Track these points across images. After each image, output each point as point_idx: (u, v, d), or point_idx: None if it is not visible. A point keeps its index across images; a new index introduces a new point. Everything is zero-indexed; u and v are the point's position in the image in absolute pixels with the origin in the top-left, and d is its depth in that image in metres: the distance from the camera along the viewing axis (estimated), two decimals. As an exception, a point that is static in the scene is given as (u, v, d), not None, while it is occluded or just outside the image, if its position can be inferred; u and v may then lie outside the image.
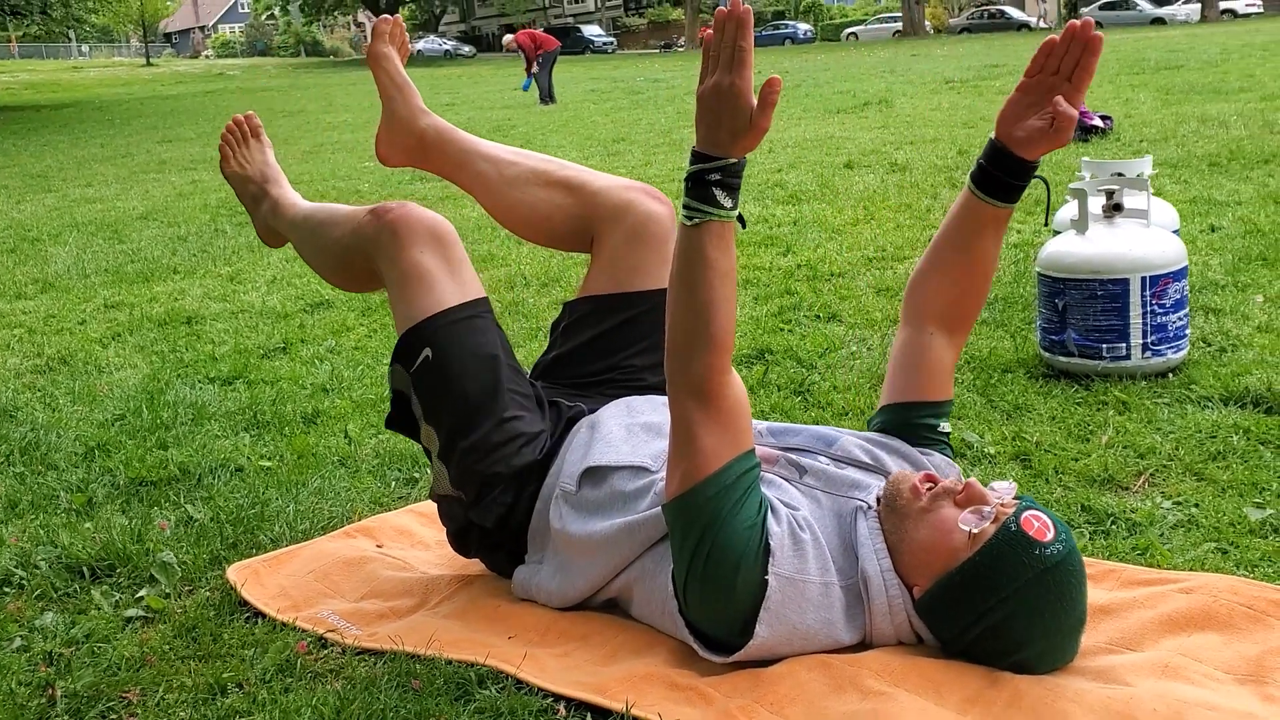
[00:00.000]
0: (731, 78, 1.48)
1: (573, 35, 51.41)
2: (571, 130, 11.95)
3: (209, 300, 4.63)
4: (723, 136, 1.51)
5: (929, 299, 1.84)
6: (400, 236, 1.88)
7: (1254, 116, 7.95)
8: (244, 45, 64.90)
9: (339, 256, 2.04)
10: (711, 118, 1.51)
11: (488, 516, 1.84)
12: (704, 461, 1.57)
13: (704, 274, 1.55)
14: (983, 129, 8.88)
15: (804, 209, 5.78)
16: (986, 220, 1.76)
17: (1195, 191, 5.22)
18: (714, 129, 1.51)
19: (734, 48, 1.48)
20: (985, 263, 1.81)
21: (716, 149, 1.52)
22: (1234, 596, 1.68)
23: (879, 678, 1.53)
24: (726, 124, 1.50)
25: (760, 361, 3.20)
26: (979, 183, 1.74)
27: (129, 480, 2.59)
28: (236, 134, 2.37)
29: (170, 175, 9.97)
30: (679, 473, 1.59)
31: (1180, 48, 17.59)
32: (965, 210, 1.78)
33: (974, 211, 1.77)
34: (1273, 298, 3.38)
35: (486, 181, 2.12)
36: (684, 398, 1.59)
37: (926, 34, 38.96)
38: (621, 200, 2.03)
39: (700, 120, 1.53)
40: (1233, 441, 2.35)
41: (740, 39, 1.48)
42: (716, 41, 1.50)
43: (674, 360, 1.59)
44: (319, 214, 2.14)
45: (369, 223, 1.93)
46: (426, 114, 2.22)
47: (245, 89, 27.28)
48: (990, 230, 1.77)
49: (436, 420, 1.85)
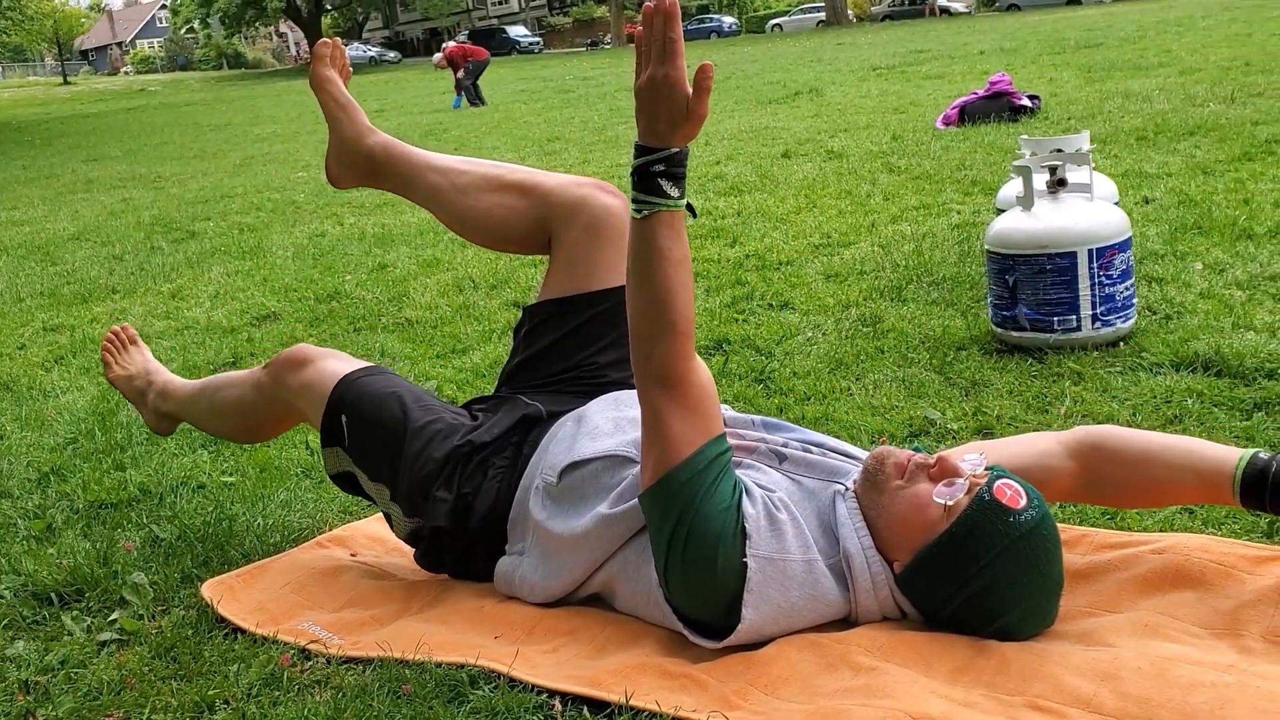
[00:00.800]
0: (665, 69, 1.50)
1: (498, 36, 51.23)
2: (505, 131, 11.91)
3: (152, 318, 4.55)
4: (662, 128, 1.53)
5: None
6: (296, 372, 2.06)
7: (1175, 90, 8.14)
8: (164, 60, 63.82)
9: (244, 414, 2.21)
10: (650, 110, 1.53)
11: (438, 515, 1.87)
12: (675, 448, 1.58)
13: (658, 264, 1.56)
14: (913, 114, 9.00)
15: (746, 200, 5.82)
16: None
17: (1126, 165, 5.33)
18: (653, 121, 1.53)
19: (664, 40, 1.50)
20: None
21: (658, 140, 1.54)
22: (1205, 554, 1.73)
23: (868, 653, 1.55)
24: (665, 115, 1.52)
25: (719, 352, 3.22)
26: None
27: (88, 503, 2.54)
28: (115, 343, 2.54)
29: (99, 194, 9.78)
30: (651, 461, 1.60)
31: (1098, 26, 17.94)
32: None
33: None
34: (1211, 265, 3.46)
35: (440, 193, 2.13)
36: (650, 387, 1.60)
37: (850, 23, 39.32)
38: (575, 197, 2.04)
39: (639, 114, 1.54)
40: (1187, 405, 2.41)
41: (669, 30, 1.49)
42: (647, 35, 1.51)
43: (638, 351, 1.61)
44: (212, 382, 2.33)
45: (267, 379, 2.12)
46: (374, 132, 2.22)
47: (168, 104, 26.82)
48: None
49: (378, 472, 1.94)
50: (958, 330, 3.13)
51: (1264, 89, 7.54)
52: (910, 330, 3.18)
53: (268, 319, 4.33)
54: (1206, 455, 1.67)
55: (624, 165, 7.86)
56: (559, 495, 1.78)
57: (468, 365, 3.39)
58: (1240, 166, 4.97)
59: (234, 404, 2.21)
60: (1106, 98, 8.22)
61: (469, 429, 1.94)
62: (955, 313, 3.32)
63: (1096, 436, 1.74)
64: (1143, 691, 1.41)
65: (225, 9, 46.40)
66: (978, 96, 7.93)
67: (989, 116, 7.63)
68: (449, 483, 1.88)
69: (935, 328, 3.18)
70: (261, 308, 4.48)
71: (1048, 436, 1.80)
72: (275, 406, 2.13)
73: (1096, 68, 10.94)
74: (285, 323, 4.24)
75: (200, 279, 5.30)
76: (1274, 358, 2.57)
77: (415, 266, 5.02)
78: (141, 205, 8.56)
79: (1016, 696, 1.45)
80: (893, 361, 2.95)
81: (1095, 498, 1.79)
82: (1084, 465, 1.74)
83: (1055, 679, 1.46)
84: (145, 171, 11.50)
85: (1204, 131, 6.05)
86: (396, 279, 4.78)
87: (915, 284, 3.68)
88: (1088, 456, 1.73)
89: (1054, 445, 1.76)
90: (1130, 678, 1.44)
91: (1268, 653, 1.50)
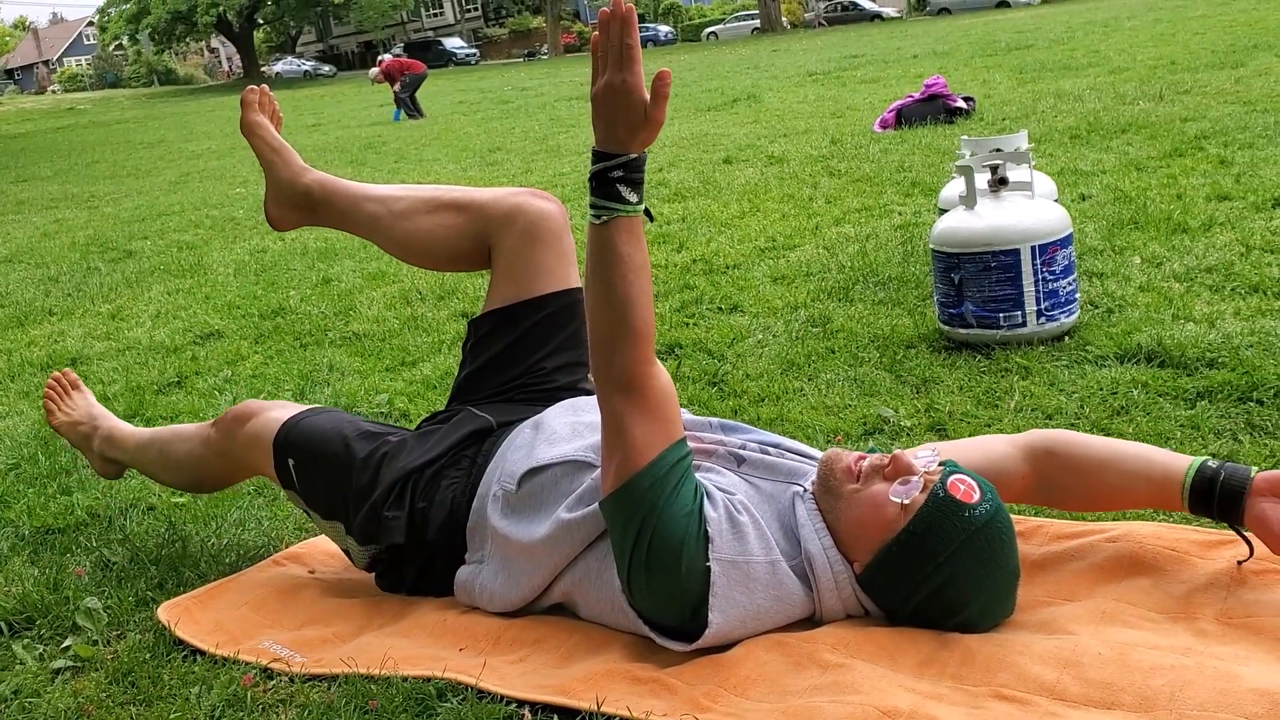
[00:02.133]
0: (623, 75, 1.50)
1: (434, 49, 50.99)
2: (445, 143, 11.85)
3: (92, 340, 4.47)
4: (620, 133, 1.53)
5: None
6: (243, 425, 2.08)
7: (1105, 89, 8.31)
8: (93, 78, 62.73)
9: (194, 467, 2.20)
10: (608, 116, 1.53)
11: (393, 533, 1.88)
12: (636, 454, 1.58)
13: (618, 269, 1.57)
14: (851, 118, 9.10)
15: (690, 205, 5.84)
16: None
17: (1061, 164, 5.43)
18: (611, 127, 1.53)
19: (621, 45, 1.50)
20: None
21: (616, 146, 1.54)
22: (1157, 541, 1.76)
23: (835, 651, 1.56)
24: (623, 121, 1.52)
25: (671, 356, 3.23)
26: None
27: (34, 530, 2.49)
28: (57, 389, 2.52)
29: (31, 215, 9.58)
30: (613, 466, 1.60)
31: (1027, 29, 18.27)
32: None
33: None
34: (1149, 258, 3.54)
35: (378, 221, 2.16)
36: (611, 392, 1.60)
37: (784, 29, 39.66)
38: (510, 205, 2.06)
39: (597, 120, 1.55)
40: (1133, 396, 2.45)
41: (626, 36, 1.50)
42: (604, 41, 1.51)
43: (598, 356, 1.61)
44: (161, 435, 2.31)
45: (216, 436, 2.13)
46: (308, 171, 2.26)
47: (99, 122, 26.36)
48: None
49: (331, 510, 1.96)
50: (906, 329, 3.17)
51: (1190, 87, 7.72)
52: (859, 330, 3.22)
53: (211, 337, 4.27)
54: (1156, 463, 1.70)
55: (566, 174, 7.86)
56: (519, 502, 1.77)
57: (418, 377, 3.36)
58: (1172, 162, 5.08)
59: (184, 458, 2.22)
60: (1039, 98, 8.36)
61: (417, 446, 1.94)
62: (902, 311, 3.36)
63: (1050, 441, 1.77)
64: (1104, 677, 1.44)
65: (155, 25, 45.74)
66: (913, 99, 8.03)
67: (925, 119, 7.73)
68: (400, 501, 1.89)
69: (884, 327, 3.21)
70: (205, 326, 4.42)
71: (1001, 440, 1.82)
72: (226, 462, 2.15)
73: (1028, 69, 11.13)
74: (229, 340, 4.18)
75: (140, 298, 5.22)
76: (1214, 347, 2.63)
77: (360, 280, 4.97)
78: (76, 225, 8.41)
79: (982, 687, 1.47)
80: (843, 361, 2.98)
81: (1046, 501, 1.81)
82: (1036, 470, 1.76)
83: (1019, 668, 1.48)
84: (78, 191, 11.30)
85: (1135, 129, 6.18)
86: (342, 293, 4.74)
87: (862, 284, 3.72)
88: (1040, 461, 1.76)
89: (1007, 449, 1.79)
90: (1092, 664, 1.46)
91: (1222, 634, 1.53)
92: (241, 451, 2.10)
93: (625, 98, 1.51)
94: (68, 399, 2.51)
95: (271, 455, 2.02)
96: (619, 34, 1.50)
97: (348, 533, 1.95)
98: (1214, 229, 3.78)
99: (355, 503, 1.91)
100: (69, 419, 2.47)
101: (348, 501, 1.92)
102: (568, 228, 2.08)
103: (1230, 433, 2.22)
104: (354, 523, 1.92)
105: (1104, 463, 1.73)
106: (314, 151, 12.71)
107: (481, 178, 8.41)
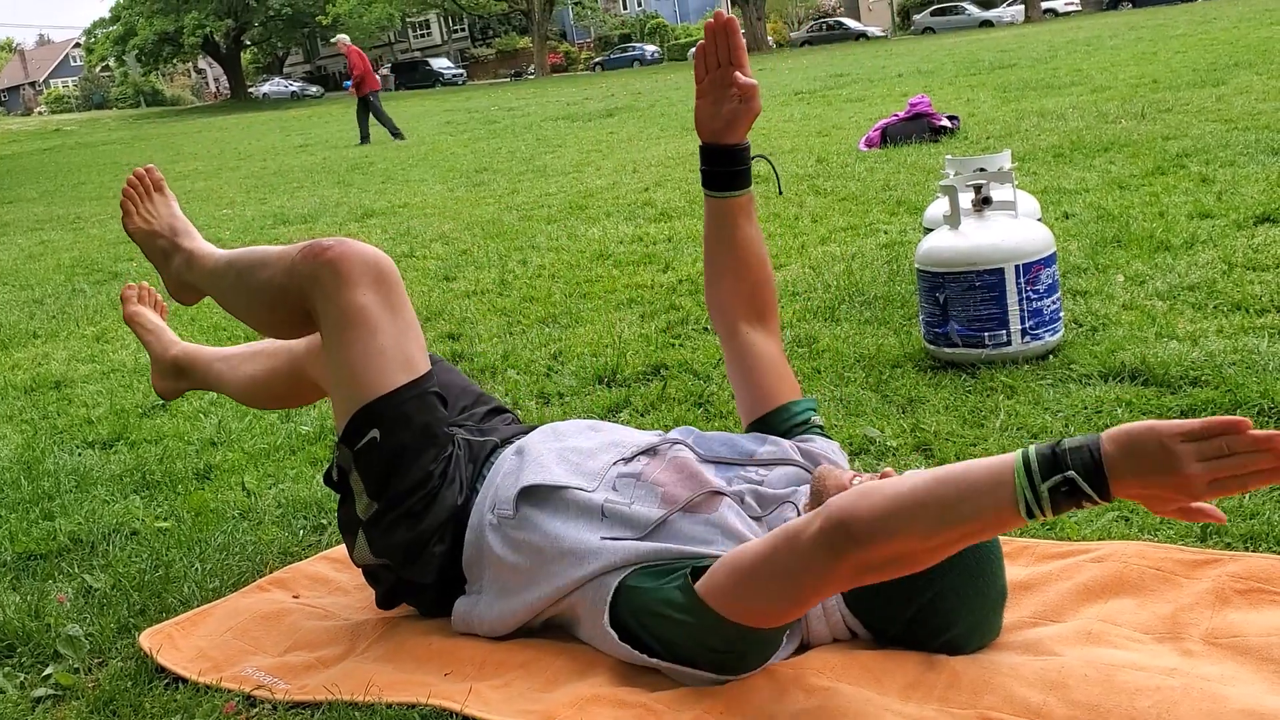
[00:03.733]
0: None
1: (421, 69, 51.11)
2: (432, 163, 11.86)
3: (76, 362, 4.45)
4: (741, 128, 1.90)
5: (727, 303, 2.00)
6: (341, 274, 1.78)
7: (1088, 108, 8.36)
8: (79, 99, 62.64)
9: (271, 299, 1.90)
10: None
11: (427, 572, 1.81)
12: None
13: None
14: (836, 136, 9.14)
15: (676, 225, 5.85)
16: (735, 211, 1.96)
17: (1045, 182, 5.46)
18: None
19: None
20: (755, 248, 1.99)
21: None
22: (1142, 560, 1.76)
23: (821, 675, 1.56)
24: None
25: (657, 377, 3.23)
26: (709, 184, 1.95)
27: (16, 555, 2.47)
28: (139, 188, 2.24)
29: (15, 237, 9.55)
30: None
31: (1010, 48, 18.39)
32: (714, 213, 1.97)
33: (721, 210, 1.96)
34: (1132, 276, 3.55)
35: (223, 378, 2.33)
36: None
37: (770, 49, 39.86)
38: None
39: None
40: (1117, 414, 2.46)
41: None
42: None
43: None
44: (243, 258, 2.01)
45: (304, 260, 1.81)
46: (176, 343, 2.45)
47: (85, 144, 26.31)
48: (744, 219, 1.97)
49: (376, 494, 1.80)
50: (892, 348, 3.18)
51: (1172, 105, 7.77)
52: (845, 350, 3.22)
53: (197, 359, 4.25)
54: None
55: (552, 194, 7.87)
56: (516, 526, 1.76)
57: (404, 399, 3.35)
58: (1154, 180, 5.11)
59: (261, 288, 1.92)
60: (1022, 117, 8.41)
61: (461, 485, 1.84)
62: (888, 331, 3.37)
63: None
64: (1090, 698, 1.43)
65: (141, 46, 45.73)
66: (898, 118, 8.07)
67: (910, 137, 7.77)
68: (442, 540, 1.81)
69: (869, 346, 3.22)
70: (190, 348, 4.40)
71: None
72: (300, 305, 1.85)
73: (1011, 88, 11.20)
74: (215, 363, 4.16)
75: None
76: (1198, 366, 2.64)
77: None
78: (61, 247, 8.38)
79: (969, 710, 1.46)
80: (830, 381, 2.98)
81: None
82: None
83: (1005, 690, 1.48)
84: (64, 213, 11.26)
85: (1117, 147, 6.22)
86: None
87: (847, 304, 3.73)
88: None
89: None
90: (1078, 685, 1.46)
91: (1208, 654, 1.53)
92: (316, 303, 1.81)
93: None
94: (148, 202, 2.24)
95: (352, 380, 1.78)
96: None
97: (370, 524, 1.80)
98: (1196, 247, 3.80)
99: (404, 519, 1.78)
100: (148, 227, 2.22)
101: (392, 503, 1.78)
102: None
103: (1214, 451, 2.22)
104: (381, 527, 1.79)
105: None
106: (302, 173, 12.71)
107: (468, 197, 8.41)
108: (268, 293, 1.90)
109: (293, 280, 1.84)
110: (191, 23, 45.05)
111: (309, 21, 48.79)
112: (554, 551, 1.70)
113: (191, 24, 45.04)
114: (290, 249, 1.87)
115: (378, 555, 1.82)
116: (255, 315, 1.98)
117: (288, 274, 1.84)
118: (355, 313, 1.78)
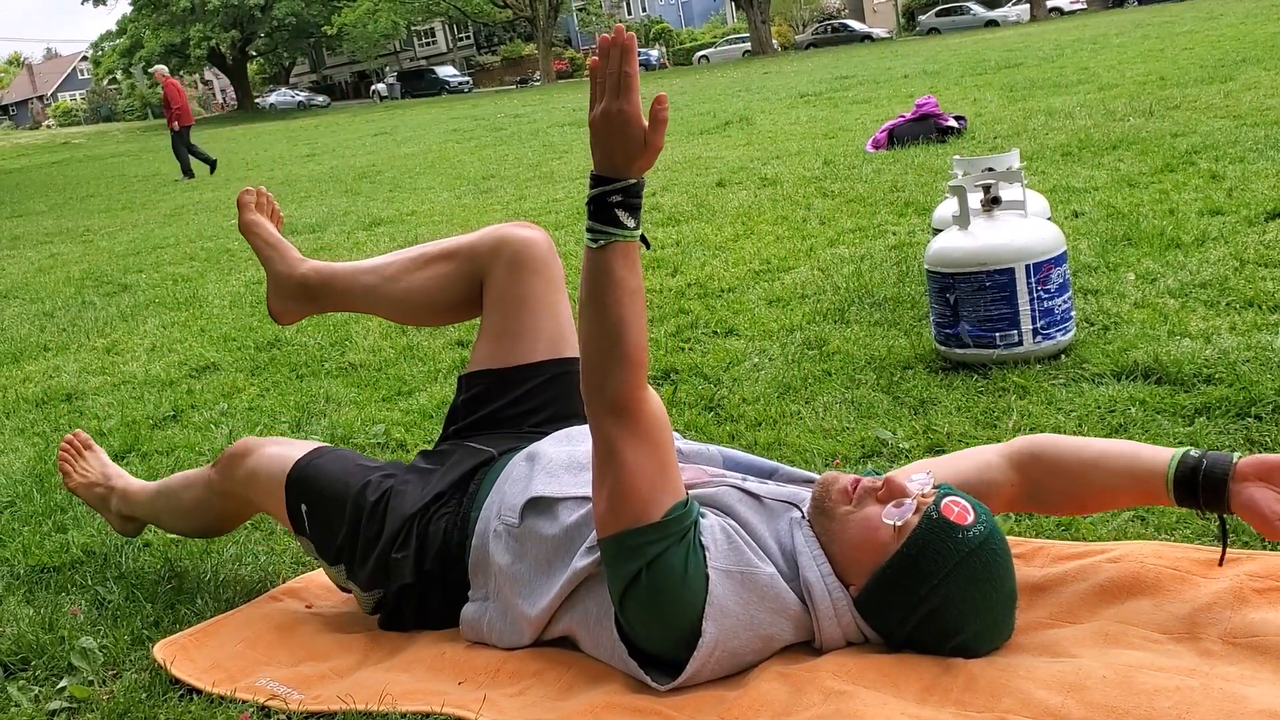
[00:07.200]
0: (620, 103, 1.51)
1: (427, 77, 51.26)
2: (440, 170, 11.88)
3: (87, 375, 4.45)
4: (619, 159, 1.54)
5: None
6: (240, 464, 2.08)
7: (1095, 106, 8.34)
8: (87, 112, 62.91)
9: (203, 512, 2.22)
10: (606, 142, 1.54)
11: (403, 574, 1.88)
12: (631, 486, 1.57)
13: (613, 293, 1.56)
14: (843, 138, 9.13)
15: (684, 229, 5.85)
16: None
17: (1054, 181, 5.44)
18: (610, 153, 1.54)
19: (620, 73, 1.51)
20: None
21: (615, 171, 1.54)
22: (1159, 560, 1.75)
23: (837, 678, 1.55)
24: (620, 147, 1.53)
25: (667, 381, 3.22)
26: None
27: (29, 568, 2.47)
28: (70, 451, 2.50)
29: (25, 250, 9.58)
30: (604, 494, 1.60)
31: (1016, 47, 18.36)
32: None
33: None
34: (1143, 275, 3.54)
35: (376, 291, 2.20)
36: (603, 416, 1.59)
37: (775, 52, 39.86)
38: (495, 239, 2.09)
39: (595, 145, 1.55)
40: (1131, 413, 2.45)
41: (626, 64, 1.50)
42: (602, 67, 1.52)
43: (590, 380, 1.60)
44: (169, 484, 2.31)
45: (217, 477, 2.14)
46: (304, 261, 2.31)
47: (94, 156, 26.43)
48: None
49: (337, 555, 1.96)
50: (902, 349, 3.17)
51: (1180, 102, 7.75)
52: (856, 351, 3.21)
53: (207, 370, 4.26)
54: (1142, 458, 1.69)
55: (560, 200, 7.88)
56: (521, 536, 1.76)
57: (414, 407, 3.35)
58: (1163, 178, 5.10)
59: (193, 504, 2.23)
60: (1030, 116, 8.39)
61: (418, 487, 1.95)
62: (899, 332, 3.36)
63: (1035, 446, 1.77)
64: (1109, 700, 1.42)
65: (148, 58, 45.90)
66: (905, 119, 8.06)
67: (917, 138, 7.76)
68: (405, 543, 1.88)
69: (880, 348, 3.21)
70: (200, 359, 4.41)
71: (989, 450, 1.82)
72: (229, 502, 2.16)
73: (1018, 87, 11.18)
74: (226, 373, 4.17)
75: (135, 332, 5.21)
76: (1210, 363, 2.63)
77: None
78: (70, 260, 8.40)
79: (986, 713, 1.45)
80: (840, 383, 2.97)
81: (1038, 507, 1.81)
82: (1024, 476, 1.75)
83: (1023, 693, 1.47)
84: (73, 225, 11.30)
85: (1126, 145, 6.20)
86: (338, 323, 4.73)
87: (857, 305, 3.72)
88: (1028, 467, 1.75)
89: (995, 458, 1.79)
90: (1096, 687, 1.45)
91: (1227, 654, 1.52)
92: (242, 489, 2.10)
93: (623, 124, 1.51)
94: (81, 460, 2.50)
95: (278, 494, 2.02)
96: (618, 61, 1.51)
97: (350, 577, 1.96)
98: (1207, 244, 3.79)
99: (363, 551, 1.92)
100: (85, 480, 2.47)
101: (355, 549, 1.93)
102: (554, 254, 2.10)
103: (1229, 449, 2.21)
104: (361, 571, 1.92)
105: (1089, 463, 1.72)
106: (309, 182, 12.74)
107: (476, 205, 8.43)
108: (198, 508, 2.22)
109: (211, 494, 2.17)
110: (197, 34, 45.25)
111: (314, 32, 48.97)
112: (551, 565, 1.72)
113: (197, 36, 45.24)
114: (205, 470, 2.21)
115: (369, 589, 1.94)
116: (195, 528, 2.30)
117: (208, 490, 2.17)
118: (262, 466, 2.08)
